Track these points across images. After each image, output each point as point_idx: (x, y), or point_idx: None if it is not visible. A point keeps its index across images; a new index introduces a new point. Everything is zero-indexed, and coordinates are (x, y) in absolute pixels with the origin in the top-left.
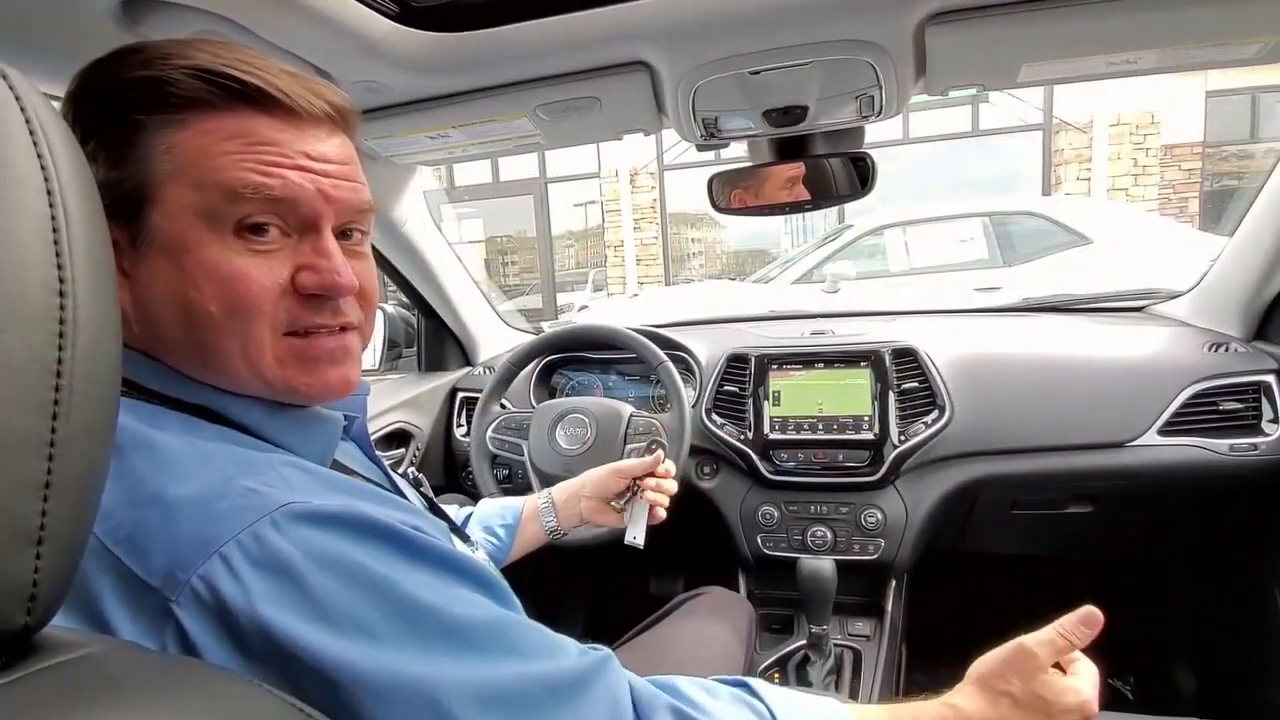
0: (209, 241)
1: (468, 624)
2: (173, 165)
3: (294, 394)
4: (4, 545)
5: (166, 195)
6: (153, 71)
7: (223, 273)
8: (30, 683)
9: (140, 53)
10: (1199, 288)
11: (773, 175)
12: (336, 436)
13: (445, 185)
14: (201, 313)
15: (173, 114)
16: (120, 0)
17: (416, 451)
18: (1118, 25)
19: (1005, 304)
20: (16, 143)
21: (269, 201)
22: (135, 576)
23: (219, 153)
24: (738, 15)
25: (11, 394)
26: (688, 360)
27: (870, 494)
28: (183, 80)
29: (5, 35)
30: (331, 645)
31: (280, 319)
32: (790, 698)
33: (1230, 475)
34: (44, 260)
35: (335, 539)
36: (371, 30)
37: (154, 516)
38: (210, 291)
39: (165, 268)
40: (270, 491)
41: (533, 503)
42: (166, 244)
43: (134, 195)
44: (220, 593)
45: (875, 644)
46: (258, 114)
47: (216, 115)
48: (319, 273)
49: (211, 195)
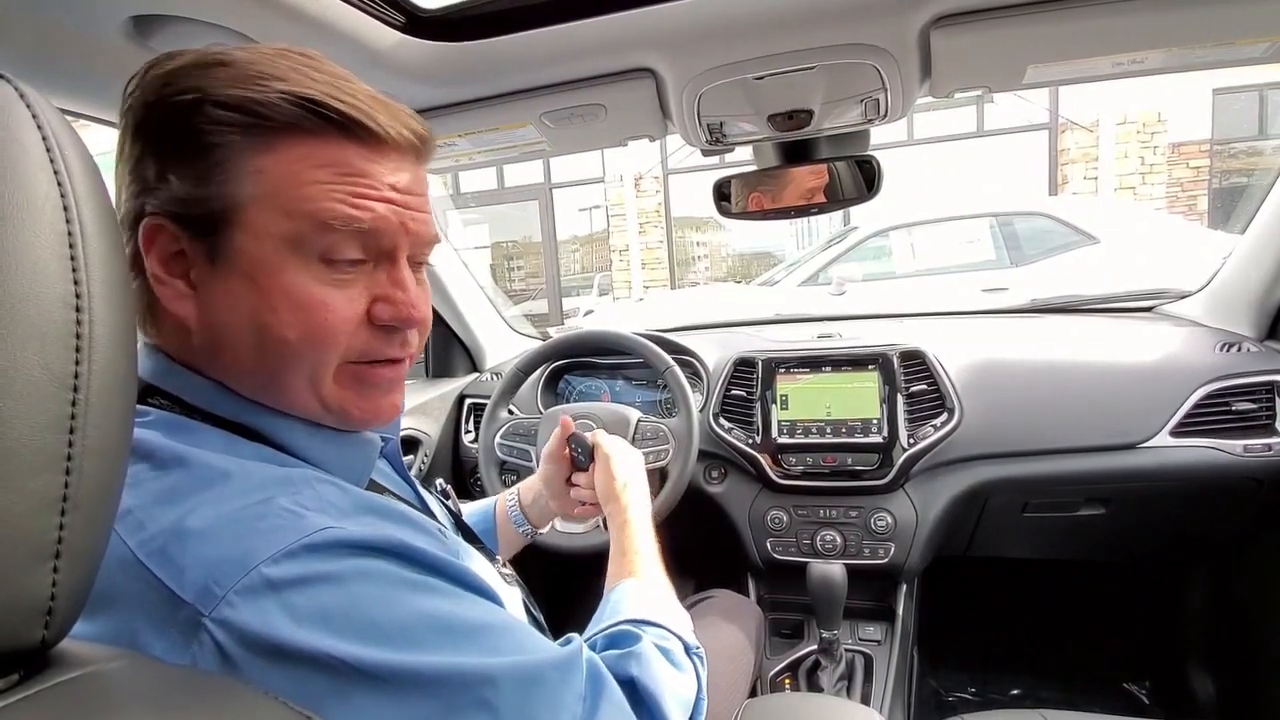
0: (292, 267)
1: (487, 627)
2: (261, 189)
3: (347, 419)
4: (22, 560)
5: (252, 218)
6: (245, 91)
7: (304, 300)
8: (47, 697)
9: (228, 66)
10: (1210, 287)
11: (778, 179)
12: (374, 458)
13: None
14: (276, 338)
15: (265, 137)
16: (131, 17)
17: (425, 458)
18: (1124, 26)
19: (1013, 305)
20: (33, 159)
21: (357, 233)
22: (168, 590)
23: (310, 180)
24: (742, 21)
25: (30, 410)
26: (695, 365)
27: (880, 498)
28: (280, 105)
29: (20, 53)
30: (377, 655)
31: (354, 348)
32: (628, 610)
33: (1244, 476)
34: (61, 277)
35: (367, 560)
36: (379, 41)
37: (190, 532)
38: (290, 318)
39: (243, 289)
40: (309, 515)
41: (502, 505)
42: (248, 266)
43: (218, 214)
44: (259, 609)
45: (887, 648)
46: (349, 142)
47: (308, 141)
48: (395, 304)
49: (300, 224)
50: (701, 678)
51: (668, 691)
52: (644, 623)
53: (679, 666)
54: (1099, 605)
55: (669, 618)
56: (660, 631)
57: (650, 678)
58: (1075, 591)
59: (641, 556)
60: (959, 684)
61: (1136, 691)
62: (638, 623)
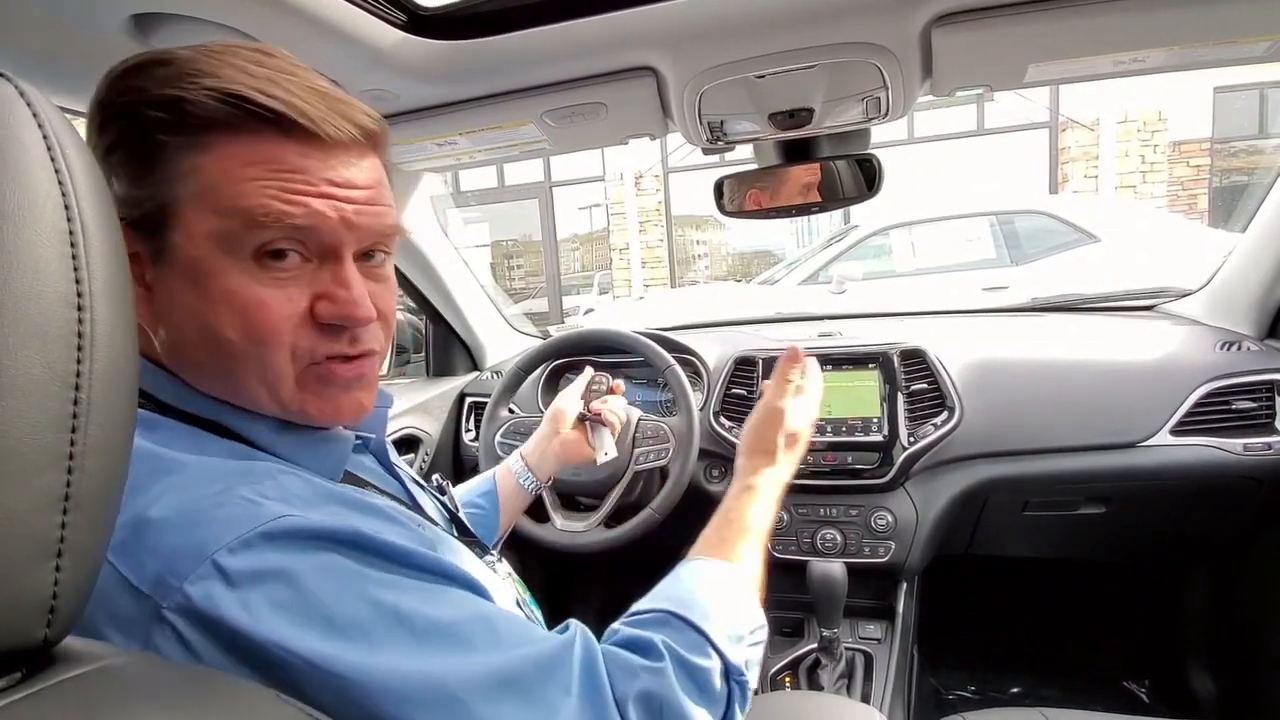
0: (228, 268)
1: (457, 623)
2: (194, 189)
3: (308, 419)
4: (24, 559)
5: (187, 218)
6: (175, 91)
7: (240, 301)
8: (50, 695)
9: (167, 65)
10: (1210, 286)
11: (779, 178)
12: (346, 456)
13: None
14: (221, 338)
15: (195, 135)
16: (132, 15)
17: (426, 456)
18: (1124, 25)
19: (1013, 304)
20: (34, 159)
21: (291, 229)
22: (126, 582)
23: (241, 178)
24: (743, 20)
25: (31, 409)
26: (695, 364)
27: (880, 496)
28: (205, 102)
29: (21, 52)
30: (329, 649)
31: (301, 347)
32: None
33: (1244, 475)
34: (63, 276)
35: (326, 551)
36: (380, 40)
37: (149, 523)
38: (229, 319)
39: (185, 290)
40: (267, 503)
41: (505, 467)
42: (187, 267)
43: (156, 214)
44: (213, 599)
45: (887, 647)
46: (283, 138)
47: (240, 138)
48: (337, 303)
49: (232, 222)
50: (736, 710)
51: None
52: (689, 625)
53: (705, 693)
54: (1099, 604)
55: (728, 626)
56: (700, 641)
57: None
58: (1075, 590)
59: (748, 535)
60: (959, 682)
61: (1137, 690)
62: (682, 621)
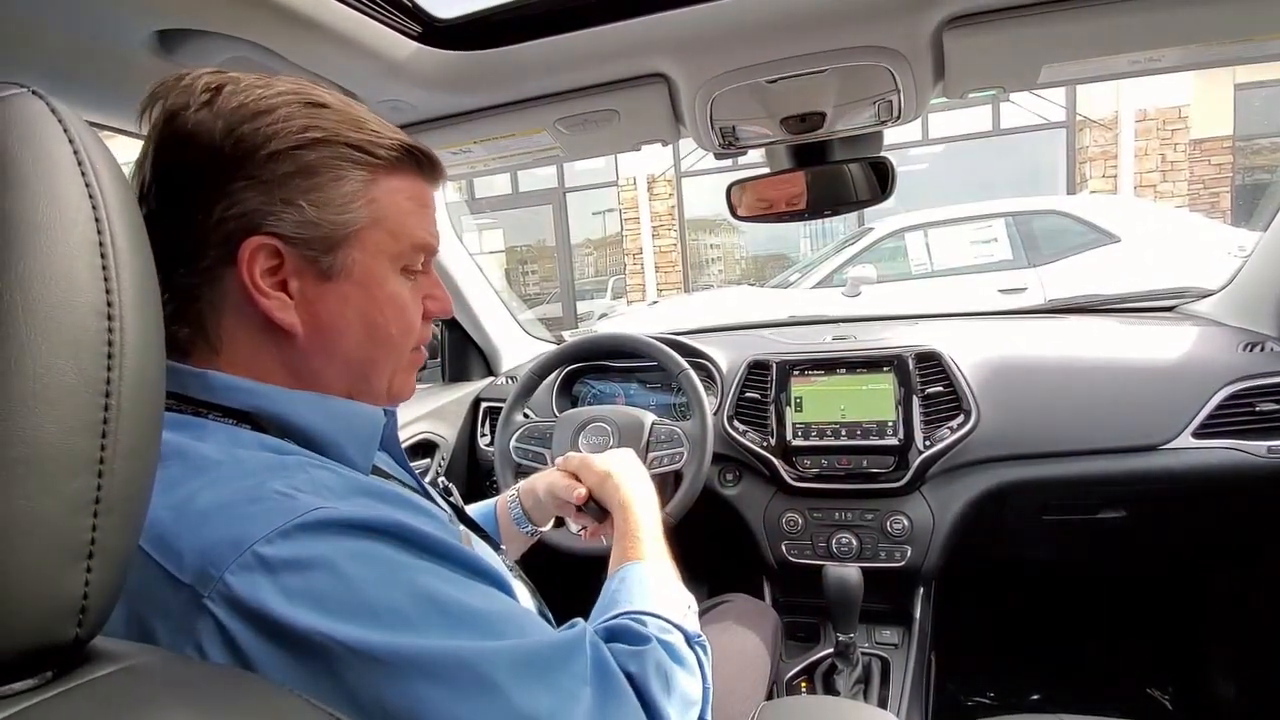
0: (391, 278)
1: (488, 612)
2: (374, 214)
3: (396, 398)
4: (56, 561)
5: (366, 237)
6: (368, 136)
7: (400, 303)
8: (81, 693)
9: (329, 108)
10: (1232, 286)
11: (791, 181)
12: (379, 423)
13: (466, 197)
14: (384, 333)
15: (376, 172)
16: (156, 32)
17: (442, 461)
18: (1139, 23)
19: (1031, 306)
20: (65, 172)
21: (430, 251)
22: (167, 573)
23: (407, 210)
24: (754, 26)
25: (64, 415)
26: (709, 367)
27: (896, 500)
28: (393, 148)
29: (50, 69)
30: (369, 636)
31: (419, 338)
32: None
33: (1269, 478)
34: (93, 286)
35: (364, 540)
36: (396, 52)
37: (187, 517)
38: (393, 317)
39: (358, 295)
40: (301, 496)
41: (503, 506)
42: (362, 276)
43: (340, 235)
44: (254, 588)
45: (904, 652)
46: (419, 176)
47: (401, 175)
48: (440, 301)
49: (403, 244)
50: (705, 668)
51: (677, 696)
52: (645, 614)
53: (683, 662)
54: (1120, 609)
55: (670, 607)
56: (661, 624)
57: (659, 684)
58: (1096, 595)
59: (643, 539)
60: (978, 688)
61: (1159, 697)
62: (638, 615)
